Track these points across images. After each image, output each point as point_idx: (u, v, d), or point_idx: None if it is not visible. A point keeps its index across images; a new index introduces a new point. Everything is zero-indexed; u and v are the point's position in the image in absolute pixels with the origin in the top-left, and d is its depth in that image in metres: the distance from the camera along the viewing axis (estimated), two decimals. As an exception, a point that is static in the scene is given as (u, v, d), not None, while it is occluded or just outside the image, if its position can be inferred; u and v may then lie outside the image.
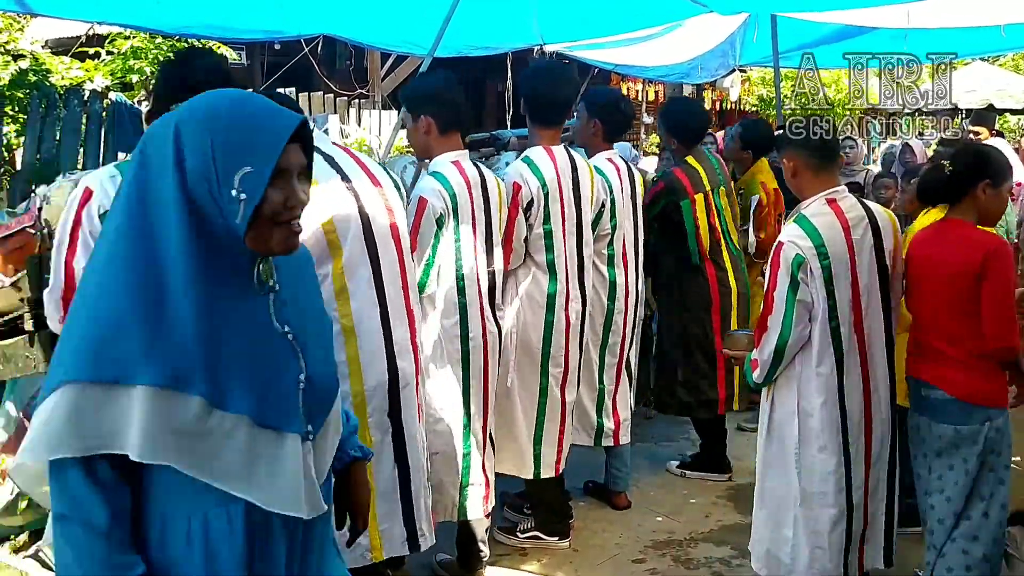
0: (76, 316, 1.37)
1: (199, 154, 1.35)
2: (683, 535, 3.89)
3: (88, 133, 6.07)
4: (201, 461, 1.37)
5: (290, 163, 1.40)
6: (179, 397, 1.34)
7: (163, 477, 1.38)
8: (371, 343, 2.61)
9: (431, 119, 3.12)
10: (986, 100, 10.53)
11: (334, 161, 2.64)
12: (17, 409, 3.17)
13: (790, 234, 2.80)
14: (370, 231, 2.61)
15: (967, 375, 2.73)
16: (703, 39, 6.94)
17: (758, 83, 13.81)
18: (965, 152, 2.97)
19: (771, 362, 2.81)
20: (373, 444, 2.60)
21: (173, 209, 1.34)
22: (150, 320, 1.33)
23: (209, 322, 1.36)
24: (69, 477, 1.34)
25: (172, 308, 1.33)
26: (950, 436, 2.75)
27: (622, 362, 3.98)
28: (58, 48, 8.22)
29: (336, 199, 2.57)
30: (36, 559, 2.97)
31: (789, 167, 2.92)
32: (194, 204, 1.35)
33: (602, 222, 3.77)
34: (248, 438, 1.39)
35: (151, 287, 1.33)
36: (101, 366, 1.31)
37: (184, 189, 1.35)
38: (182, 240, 1.34)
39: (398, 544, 2.66)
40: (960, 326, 2.73)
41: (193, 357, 1.34)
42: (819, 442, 2.81)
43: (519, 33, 6.14)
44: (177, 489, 1.39)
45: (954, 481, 2.75)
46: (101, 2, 4.56)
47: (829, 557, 2.82)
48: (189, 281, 1.34)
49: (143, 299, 1.33)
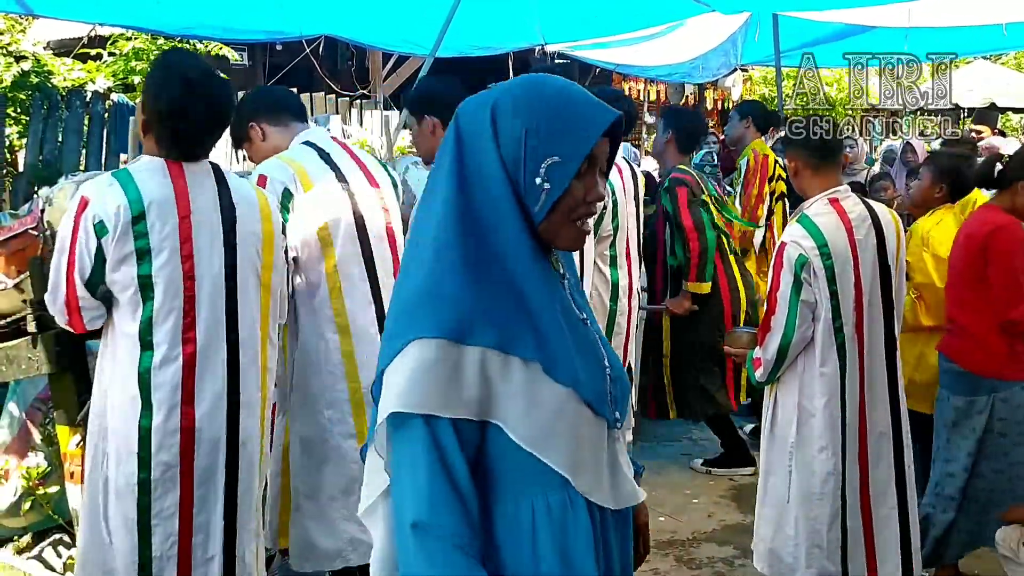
0: (414, 279, 1.32)
1: (512, 137, 1.32)
2: (686, 535, 3.89)
3: (90, 134, 6.08)
4: (544, 437, 1.30)
5: (598, 157, 1.36)
6: (514, 361, 1.28)
7: (502, 453, 1.30)
8: (366, 341, 2.61)
9: (436, 120, 3.13)
10: (988, 99, 10.52)
11: (331, 159, 2.65)
12: (20, 410, 3.18)
13: (793, 234, 2.80)
14: (364, 230, 2.62)
15: (976, 347, 3.04)
16: (705, 38, 6.94)
17: (760, 82, 13.80)
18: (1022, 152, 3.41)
19: (774, 361, 2.81)
20: None
21: (497, 183, 1.32)
22: (486, 284, 1.29)
23: (537, 293, 1.33)
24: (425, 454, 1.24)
25: (503, 275, 1.30)
26: (962, 407, 3.04)
27: (624, 363, 3.98)
28: (60, 49, 8.22)
29: (330, 199, 2.58)
30: (39, 560, 2.97)
31: (791, 167, 2.94)
32: (512, 182, 1.33)
33: (604, 223, 3.77)
34: (575, 416, 1.33)
35: (484, 256, 1.30)
36: (448, 325, 1.26)
37: (504, 166, 1.32)
38: (508, 214, 1.31)
39: None
40: (971, 295, 3.06)
41: (526, 324, 1.30)
42: (820, 442, 2.80)
43: (520, 33, 6.15)
44: (514, 470, 1.31)
45: (966, 452, 3.05)
46: (103, 3, 4.57)
47: (827, 555, 2.82)
48: (518, 251, 1.32)
49: (475, 264, 1.29)
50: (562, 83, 1.40)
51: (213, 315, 2.23)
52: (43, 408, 3.14)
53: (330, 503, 2.62)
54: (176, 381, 2.18)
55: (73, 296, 2.19)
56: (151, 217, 2.15)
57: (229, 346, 2.25)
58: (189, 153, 2.24)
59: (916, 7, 4.99)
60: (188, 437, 2.18)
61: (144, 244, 2.15)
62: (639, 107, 11.80)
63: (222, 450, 2.23)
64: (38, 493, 3.01)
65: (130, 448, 2.17)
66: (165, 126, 2.21)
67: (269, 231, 2.37)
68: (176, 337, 2.18)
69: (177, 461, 2.18)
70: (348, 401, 2.60)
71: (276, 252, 2.40)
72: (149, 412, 2.16)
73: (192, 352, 2.20)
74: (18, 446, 3.14)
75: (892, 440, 2.88)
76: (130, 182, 2.17)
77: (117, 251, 2.14)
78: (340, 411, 2.61)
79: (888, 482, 2.87)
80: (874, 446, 2.85)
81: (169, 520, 2.19)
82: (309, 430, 2.64)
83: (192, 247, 2.20)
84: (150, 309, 2.16)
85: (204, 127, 2.24)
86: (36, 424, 3.16)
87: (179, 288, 2.18)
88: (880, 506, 2.86)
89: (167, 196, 2.18)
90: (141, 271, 2.16)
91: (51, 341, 2.50)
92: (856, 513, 2.85)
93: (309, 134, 2.73)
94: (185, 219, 2.19)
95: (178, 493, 2.19)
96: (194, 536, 2.22)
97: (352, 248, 2.61)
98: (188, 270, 2.19)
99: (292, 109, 2.82)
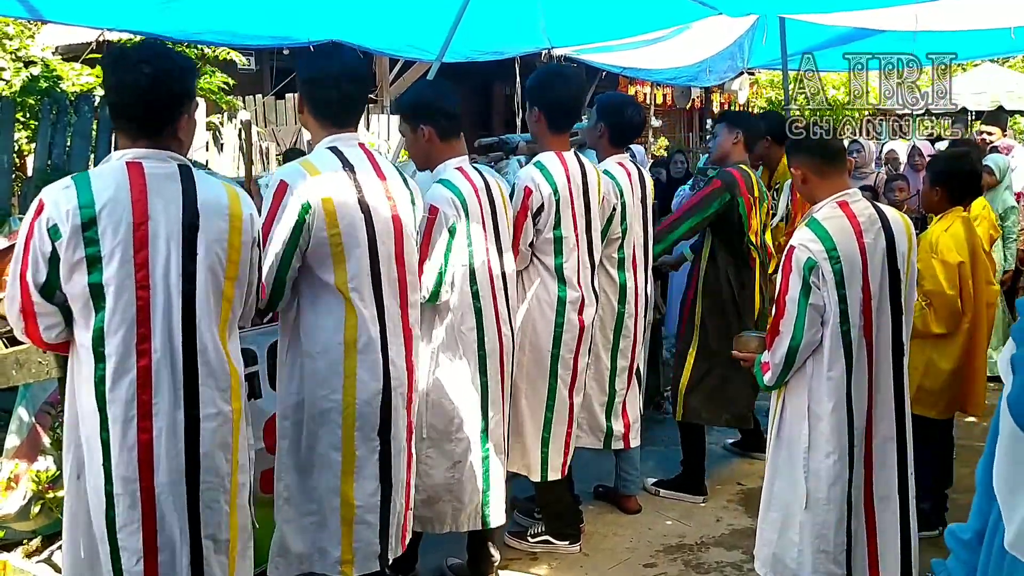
0: None
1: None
2: (694, 539, 3.88)
3: (98, 139, 6.10)
4: None
5: None
6: None
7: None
8: (369, 346, 2.59)
9: (431, 128, 3.12)
10: (996, 101, 10.50)
11: (340, 153, 2.63)
12: (30, 414, 3.19)
13: (801, 238, 2.79)
14: (371, 226, 2.58)
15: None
16: (711, 42, 6.93)
17: (767, 86, 13.81)
18: None
19: (782, 365, 2.81)
20: (357, 459, 2.57)
21: None
22: None
23: None
24: None
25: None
26: None
27: (633, 366, 3.97)
28: (69, 55, 8.26)
29: (340, 190, 2.54)
30: (48, 564, 2.98)
31: (798, 175, 2.93)
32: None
33: (612, 226, 3.77)
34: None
35: None
36: None
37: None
38: None
39: (371, 561, 2.64)
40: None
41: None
42: (828, 447, 2.79)
43: (527, 37, 6.14)
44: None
45: None
46: (111, 9, 4.58)
47: (833, 558, 2.81)
48: None
49: None
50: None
51: (168, 326, 2.12)
52: (52, 412, 3.16)
53: (307, 507, 2.60)
54: (130, 395, 2.08)
55: (28, 302, 2.10)
56: (102, 223, 2.05)
57: (187, 358, 2.14)
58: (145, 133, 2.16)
59: (923, 11, 4.97)
60: (146, 452, 2.09)
61: (95, 251, 2.05)
62: (646, 111, 11.79)
63: (182, 466, 2.14)
64: (47, 497, 3.03)
65: (98, 459, 2.09)
66: (118, 109, 2.18)
67: (236, 240, 2.24)
68: (129, 348, 2.08)
69: (136, 476, 2.09)
70: (339, 415, 2.57)
71: (242, 260, 2.27)
72: (107, 426, 2.08)
73: (147, 365, 2.09)
74: (27, 450, 3.16)
75: (896, 444, 2.88)
76: (85, 185, 2.07)
77: (68, 257, 2.05)
78: (330, 421, 2.57)
79: (891, 486, 2.87)
80: (879, 450, 2.85)
81: (133, 536, 2.11)
82: (296, 434, 2.61)
83: (147, 255, 2.09)
84: (101, 319, 2.07)
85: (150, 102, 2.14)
86: (45, 428, 3.17)
87: (132, 298, 2.08)
88: (883, 510, 2.87)
89: (121, 200, 2.07)
90: (92, 279, 2.06)
91: (61, 345, 2.49)
92: (860, 516, 2.85)
93: (336, 139, 2.67)
94: (141, 225, 2.08)
95: (139, 510, 2.11)
96: (159, 553, 2.13)
97: (360, 253, 2.57)
98: (142, 279, 2.08)
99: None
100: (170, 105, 2.18)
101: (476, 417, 3.14)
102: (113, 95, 2.20)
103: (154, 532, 2.12)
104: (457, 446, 3.10)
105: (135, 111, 2.16)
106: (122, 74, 2.15)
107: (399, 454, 2.68)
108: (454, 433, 3.10)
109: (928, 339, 3.66)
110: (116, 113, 2.20)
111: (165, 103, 2.17)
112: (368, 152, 2.70)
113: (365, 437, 2.59)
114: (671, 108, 14.39)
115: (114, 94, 2.20)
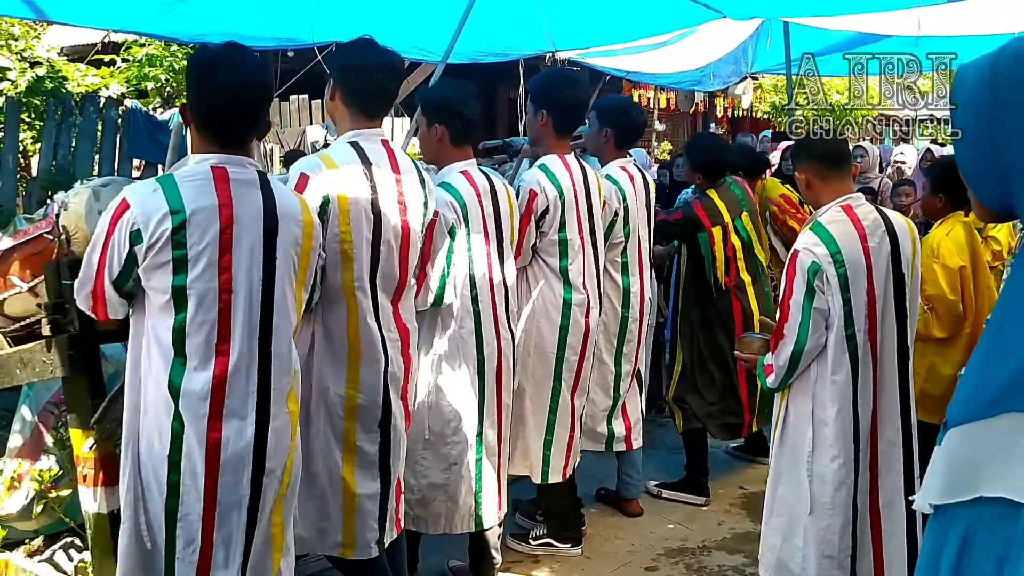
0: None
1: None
2: (696, 543, 3.88)
3: (103, 140, 6.13)
4: None
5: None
6: None
7: None
8: (371, 342, 2.61)
9: (445, 128, 3.12)
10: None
11: (359, 148, 2.62)
12: (33, 414, 3.19)
13: (805, 242, 2.79)
14: (379, 228, 2.58)
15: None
16: (715, 46, 6.95)
17: (770, 90, 13.81)
18: None
19: (786, 369, 2.81)
20: (359, 450, 2.61)
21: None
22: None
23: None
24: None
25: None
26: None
27: (635, 369, 3.97)
28: (74, 55, 8.28)
29: (354, 188, 2.55)
30: (51, 563, 2.98)
31: (802, 180, 2.93)
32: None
33: (616, 230, 3.77)
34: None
35: None
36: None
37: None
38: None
39: (369, 548, 2.67)
40: None
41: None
42: (832, 451, 2.79)
43: (531, 40, 6.16)
44: None
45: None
46: (117, 10, 4.60)
47: (838, 564, 2.80)
48: None
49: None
50: None
51: (248, 329, 2.16)
52: (55, 411, 3.16)
53: (309, 492, 2.62)
54: (205, 393, 2.12)
55: (101, 289, 2.17)
56: (191, 227, 2.09)
57: (261, 362, 2.19)
58: (228, 143, 2.20)
59: (926, 16, 4.97)
60: (213, 451, 2.14)
61: (182, 254, 2.08)
62: (649, 114, 11.80)
63: (247, 468, 2.18)
64: (50, 496, 3.03)
65: (162, 449, 2.14)
66: (201, 116, 2.19)
67: (308, 246, 2.31)
68: (209, 350, 2.12)
69: (202, 471, 2.14)
70: (342, 408, 2.59)
71: (310, 264, 2.35)
72: (180, 419, 2.12)
73: (224, 366, 2.13)
74: (30, 449, 3.16)
75: (902, 449, 2.87)
76: (174, 190, 2.10)
77: (153, 259, 2.09)
78: (333, 414, 2.60)
79: (897, 491, 2.86)
80: (884, 455, 2.84)
81: (192, 526, 2.16)
82: (301, 425, 2.62)
83: (231, 259, 2.13)
84: (182, 320, 2.10)
85: (235, 112, 2.18)
86: (48, 427, 3.17)
87: (214, 300, 2.12)
88: (889, 515, 2.85)
89: (210, 206, 2.12)
90: (176, 281, 2.09)
91: (65, 344, 2.50)
92: (866, 522, 2.84)
93: (358, 134, 2.67)
94: (227, 230, 2.13)
95: (202, 504, 2.15)
96: (214, 549, 2.18)
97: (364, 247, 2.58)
98: (225, 282, 2.13)
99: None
100: (255, 114, 2.24)
101: (473, 421, 3.15)
102: (201, 104, 2.20)
103: (212, 528, 2.17)
104: (453, 448, 3.12)
105: (222, 120, 2.19)
106: (211, 82, 2.17)
107: (397, 445, 2.72)
108: (450, 436, 3.11)
109: (930, 343, 3.66)
110: (200, 120, 2.21)
111: (251, 112, 2.22)
112: (389, 149, 2.70)
113: (366, 429, 2.62)
114: (675, 112, 14.38)
115: (202, 104, 2.20)
